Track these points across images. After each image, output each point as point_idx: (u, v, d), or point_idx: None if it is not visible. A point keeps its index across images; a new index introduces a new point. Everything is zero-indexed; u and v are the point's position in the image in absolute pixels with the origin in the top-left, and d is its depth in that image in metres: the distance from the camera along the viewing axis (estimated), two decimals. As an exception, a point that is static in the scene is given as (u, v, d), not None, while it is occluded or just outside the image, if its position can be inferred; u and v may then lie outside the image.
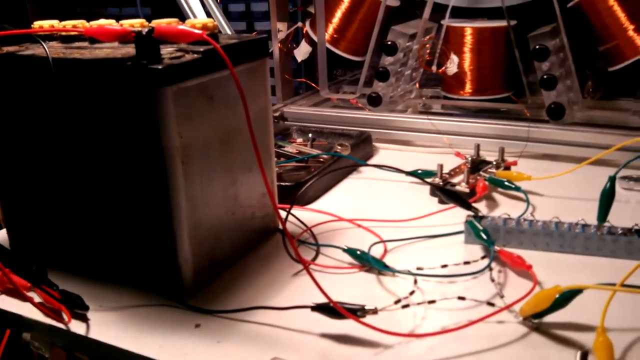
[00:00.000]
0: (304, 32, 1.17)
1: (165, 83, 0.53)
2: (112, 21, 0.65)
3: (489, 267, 0.60)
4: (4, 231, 0.71)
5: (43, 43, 0.59)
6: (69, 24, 0.65)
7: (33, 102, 0.62)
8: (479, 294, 0.57)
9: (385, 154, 1.00)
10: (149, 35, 0.52)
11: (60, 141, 0.61)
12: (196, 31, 0.52)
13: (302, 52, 1.15)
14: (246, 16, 2.41)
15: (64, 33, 0.63)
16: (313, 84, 1.19)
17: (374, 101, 1.06)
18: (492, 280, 0.58)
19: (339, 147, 0.90)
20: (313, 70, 1.25)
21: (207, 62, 0.57)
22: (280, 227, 0.72)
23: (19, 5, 2.49)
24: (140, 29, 0.53)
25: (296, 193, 0.75)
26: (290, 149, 0.92)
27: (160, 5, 2.40)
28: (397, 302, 0.54)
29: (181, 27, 0.53)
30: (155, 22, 0.62)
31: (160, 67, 0.52)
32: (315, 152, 0.92)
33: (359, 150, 0.94)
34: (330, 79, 1.17)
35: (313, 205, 0.80)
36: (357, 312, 0.50)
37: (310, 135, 0.99)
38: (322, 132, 1.00)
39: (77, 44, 0.65)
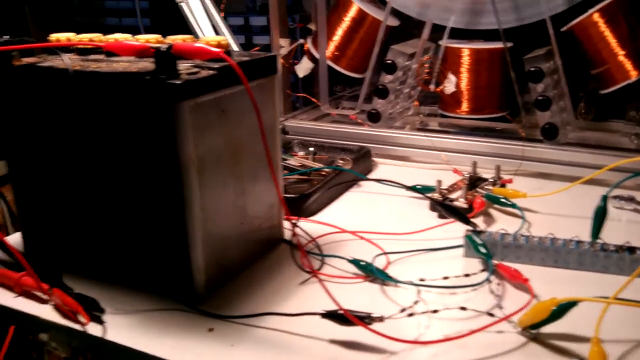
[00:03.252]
0: (305, 48, 1.20)
1: (183, 97, 0.55)
2: (128, 35, 0.67)
3: (488, 280, 0.62)
4: (18, 234, 0.73)
5: (63, 56, 0.61)
6: (85, 37, 0.68)
7: (51, 111, 0.64)
8: (479, 305, 0.59)
9: (383, 168, 1.03)
10: (168, 51, 0.55)
11: (77, 149, 0.63)
12: (214, 49, 0.54)
13: (303, 68, 1.18)
14: (245, 30, 2.44)
15: (82, 46, 0.65)
16: (313, 99, 1.21)
17: (374, 117, 1.09)
18: (492, 292, 0.61)
19: (341, 161, 0.93)
20: (312, 86, 1.28)
21: (222, 78, 0.59)
22: (285, 237, 0.75)
23: (19, 15, 2.51)
24: (159, 45, 0.55)
25: (301, 205, 0.78)
26: (292, 161, 0.95)
27: (159, 17, 2.43)
28: (402, 310, 0.57)
29: (198, 44, 0.55)
30: (170, 39, 0.64)
31: (179, 82, 0.54)
32: (317, 165, 0.94)
33: (359, 164, 0.96)
34: (329, 94, 1.19)
35: (316, 217, 0.82)
36: (365, 320, 0.53)
37: (311, 149, 1.01)
38: (322, 146, 1.03)
39: (93, 56, 0.68)
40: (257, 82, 0.65)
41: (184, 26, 2.53)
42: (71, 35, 0.69)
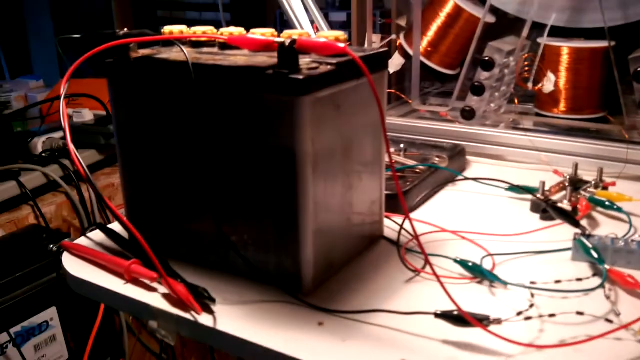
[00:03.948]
0: (398, 44, 1.20)
1: (304, 92, 0.55)
2: (242, 29, 0.68)
3: (602, 285, 0.61)
4: (116, 225, 0.75)
5: (183, 49, 0.62)
6: (199, 30, 0.69)
7: (167, 103, 0.66)
8: (595, 311, 0.58)
9: (478, 167, 1.01)
10: (292, 46, 0.55)
11: (192, 140, 0.65)
12: (339, 45, 0.54)
13: (395, 63, 1.17)
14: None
15: (203, 39, 0.66)
16: (403, 95, 1.20)
17: (468, 115, 1.08)
18: (607, 297, 0.59)
19: (437, 159, 0.92)
20: (400, 82, 1.28)
21: (340, 73, 0.59)
22: (386, 235, 0.75)
23: (105, 9, 2.59)
24: (283, 39, 0.56)
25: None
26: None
27: (240, 11, 2.47)
28: (519, 314, 0.55)
29: (323, 40, 0.56)
30: (286, 34, 0.65)
31: (301, 77, 0.55)
32: (411, 162, 0.93)
33: (454, 162, 0.95)
34: (417, 90, 1.18)
35: (413, 215, 0.81)
36: (483, 322, 0.52)
37: (402, 145, 1.01)
38: (413, 143, 1.02)
39: (206, 49, 0.69)
40: (372, 76, 0.65)
41: (264, 21, 2.55)
42: (183, 27, 0.71)
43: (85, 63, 0.65)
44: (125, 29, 0.66)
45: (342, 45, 0.54)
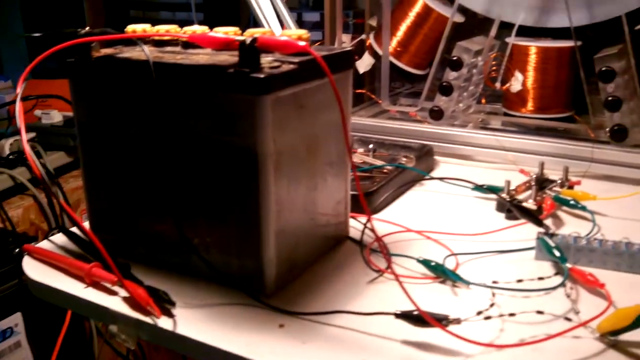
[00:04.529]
0: (367, 44, 1.20)
1: (265, 91, 0.55)
2: (205, 28, 0.68)
3: (563, 284, 0.61)
4: (86, 225, 0.74)
5: (144, 48, 0.61)
6: (162, 29, 0.68)
7: (128, 102, 0.65)
8: (555, 309, 0.58)
9: (445, 167, 1.01)
10: (253, 44, 0.55)
11: (153, 141, 0.64)
12: (300, 43, 0.54)
13: (364, 63, 1.17)
14: (298, 25, 2.45)
15: (166, 38, 0.66)
16: (372, 96, 1.21)
17: (436, 115, 1.08)
18: (568, 296, 0.60)
19: (404, 159, 0.92)
20: (369, 82, 1.28)
21: (302, 72, 0.59)
22: (350, 235, 0.74)
23: (77, 9, 2.56)
24: (244, 38, 0.55)
25: (367, 202, 0.77)
26: (354, 158, 0.94)
27: (214, 11, 2.45)
28: (478, 313, 0.56)
29: (284, 38, 0.55)
30: (249, 32, 0.64)
31: (262, 76, 0.54)
32: (379, 162, 0.93)
33: (421, 162, 0.95)
34: (387, 90, 1.18)
35: (379, 215, 0.81)
36: (442, 321, 0.52)
37: (371, 145, 1.01)
38: (383, 144, 1.02)
39: (169, 48, 0.68)
40: (335, 76, 0.65)
41: (237, 21, 2.55)
42: (147, 26, 0.70)
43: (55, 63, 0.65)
44: (87, 28, 0.66)
45: (302, 43, 0.54)
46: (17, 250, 1.12)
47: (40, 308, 1.15)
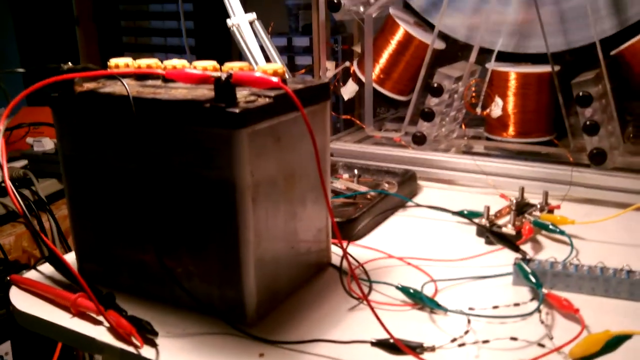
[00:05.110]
0: (351, 71, 1.22)
1: (241, 125, 0.57)
2: (184, 62, 0.70)
3: (538, 310, 0.62)
4: (72, 255, 0.75)
5: (124, 83, 0.63)
6: (143, 63, 0.70)
7: (110, 136, 0.66)
8: (529, 335, 0.59)
9: (429, 192, 1.03)
10: (228, 80, 0.56)
11: (134, 173, 0.65)
12: (273, 79, 0.55)
13: (349, 90, 1.19)
14: (288, 50, 2.48)
15: (144, 74, 0.67)
16: (357, 121, 1.22)
17: (419, 140, 1.10)
18: (542, 322, 0.61)
19: (387, 185, 0.94)
20: (355, 108, 1.29)
21: (278, 106, 0.60)
22: (332, 262, 0.75)
23: (70, 35, 2.59)
24: (219, 74, 0.57)
25: (348, 229, 0.79)
26: (338, 184, 0.96)
27: (205, 37, 2.49)
28: (453, 340, 0.57)
29: (258, 74, 0.57)
30: (228, 66, 0.66)
31: (237, 110, 0.56)
32: (363, 189, 0.95)
33: (404, 188, 0.97)
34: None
35: (361, 242, 0.82)
36: (416, 349, 0.53)
37: (356, 171, 1.02)
38: (367, 169, 1.03)
39: (150, 82, 0.70)
40: (311, 108, 0.66)
41: (227, 47, 2.57)
42: (129, 60, 0.71)
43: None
44: (69, 63, 0.67)
45: (275, 79, 0.55)
46: (7, 278, 1.12)
47: (30, 337, 1.16)
